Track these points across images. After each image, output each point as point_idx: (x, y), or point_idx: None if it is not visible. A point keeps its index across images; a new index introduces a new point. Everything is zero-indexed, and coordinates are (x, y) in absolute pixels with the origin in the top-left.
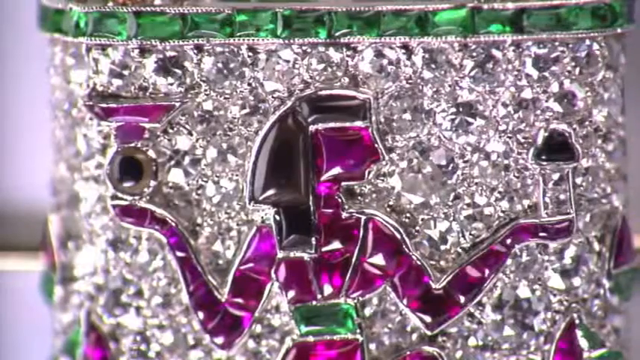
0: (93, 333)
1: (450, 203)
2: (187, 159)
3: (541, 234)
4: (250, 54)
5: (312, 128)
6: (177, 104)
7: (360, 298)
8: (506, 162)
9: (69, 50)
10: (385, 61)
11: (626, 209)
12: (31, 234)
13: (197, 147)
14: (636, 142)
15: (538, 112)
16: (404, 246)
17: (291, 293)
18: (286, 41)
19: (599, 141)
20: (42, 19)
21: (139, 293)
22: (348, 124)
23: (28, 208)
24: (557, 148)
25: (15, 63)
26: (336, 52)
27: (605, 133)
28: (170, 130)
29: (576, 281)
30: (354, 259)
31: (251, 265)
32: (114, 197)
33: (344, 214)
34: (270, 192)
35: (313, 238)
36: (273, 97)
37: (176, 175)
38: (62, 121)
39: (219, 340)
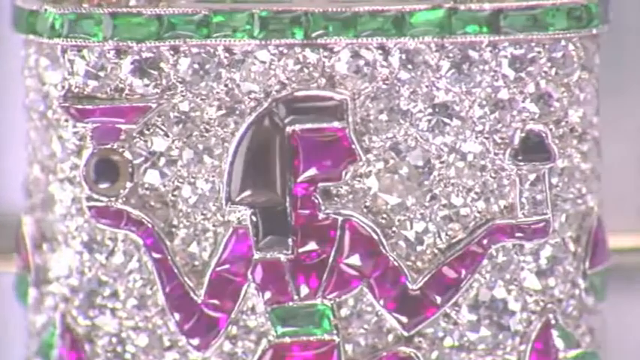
0: (68, 335)
1: (427, 204)
2: (163, 160)
3: (517, 234)
4: (227, 55)
5: (288, 129)
6: (154, 105)
7: (337, 299)
8: (482, 162)
9: (44, 51)
10: (362, 62)
11: (601, 210)
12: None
13: (173, 148)
14: (608, 143)
15: (514, 112)
16: (381, 247)
17: (268, 294)
18: (263, 42)
19: (575, 141)
20: (16, 20)
21: (114, 295)
22: (325, 125)
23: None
24: (533, 149)
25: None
26: (312, 53)
27: (581, 133)
28: (146, 132)
29: (552, 282)
30: (330, 260)
31: (227, 266)
32: (89, 199)
33: (321, 215)
34: (247, 193)
35: (290, 239)
36: (249, 98)
37: (152, 177)
38: (37, 123)
39: (195, 341)
